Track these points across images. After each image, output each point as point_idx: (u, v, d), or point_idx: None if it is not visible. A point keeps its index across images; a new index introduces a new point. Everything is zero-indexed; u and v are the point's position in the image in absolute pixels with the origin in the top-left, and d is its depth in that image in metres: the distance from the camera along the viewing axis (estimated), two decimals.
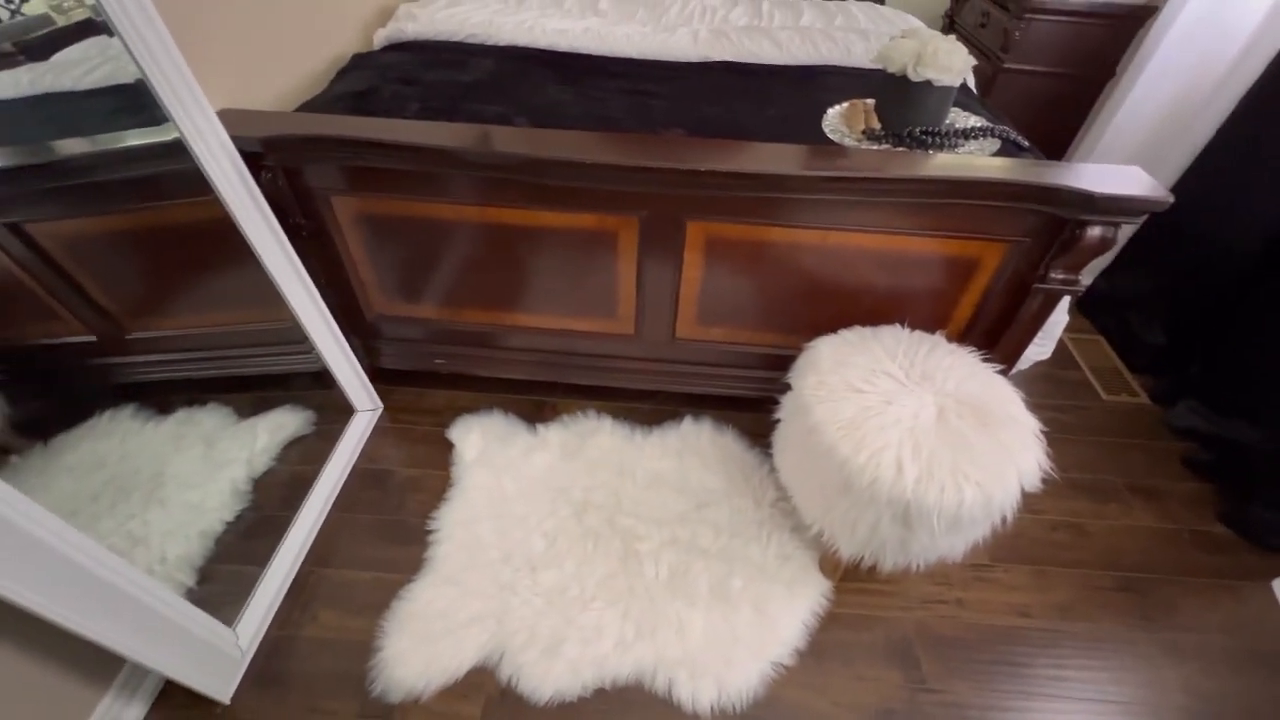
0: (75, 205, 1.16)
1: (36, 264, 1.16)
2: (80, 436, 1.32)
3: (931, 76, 1.07)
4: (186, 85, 0.95)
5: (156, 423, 1.40)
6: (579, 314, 1.31)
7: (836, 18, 1.66)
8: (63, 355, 1.32)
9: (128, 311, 1.32)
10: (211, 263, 1.27)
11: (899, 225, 1.07)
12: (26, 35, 1.02)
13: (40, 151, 1.12)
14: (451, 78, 1.32)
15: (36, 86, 1.05)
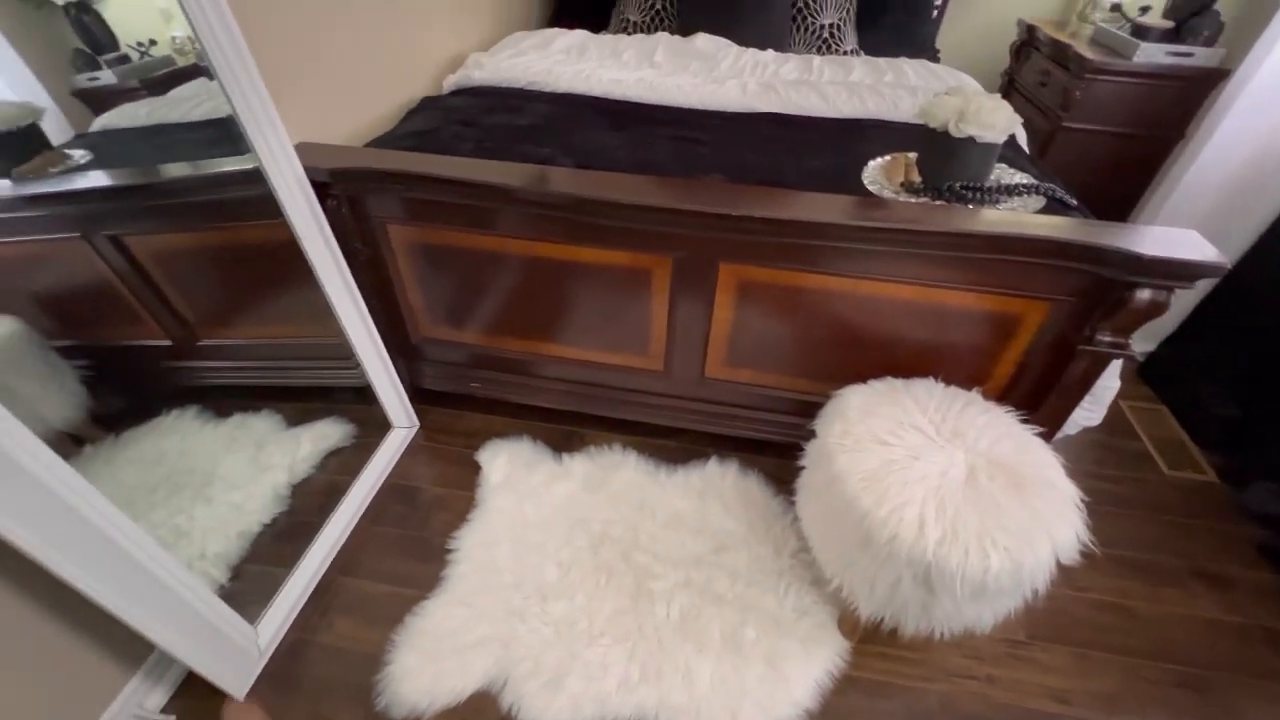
0: (167, 222, 1.29)
1: (129, 273, 1.28)
2: (147, 432, 1.42)
3: (974, 133, 1.07)
4: (270, 121, 1.05)
5: (215, 425, 1.50)
6: (611, 348, 1.34)
7: (886, 74, 1.69)
8: (141, 356, 1.44)
9: (201, 320, 1.43)
10: (276, 279, 1.38)
11: (935, 278, 1.06)
12: (150, 74, 1.16)
13: (146, 174, 1.26)
14: (508, 121, 1.41)
15: (152, 118, 1.19)
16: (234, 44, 0.96)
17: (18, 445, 0.71)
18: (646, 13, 2.04)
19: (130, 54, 1.13)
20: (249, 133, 1.04)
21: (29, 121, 1.07)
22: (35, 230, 1.18)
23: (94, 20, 1.09)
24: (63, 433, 1.17)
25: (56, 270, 1.24)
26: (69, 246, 1.23)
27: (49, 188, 1.13)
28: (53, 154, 1.11)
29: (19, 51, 1.02)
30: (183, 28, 1.13)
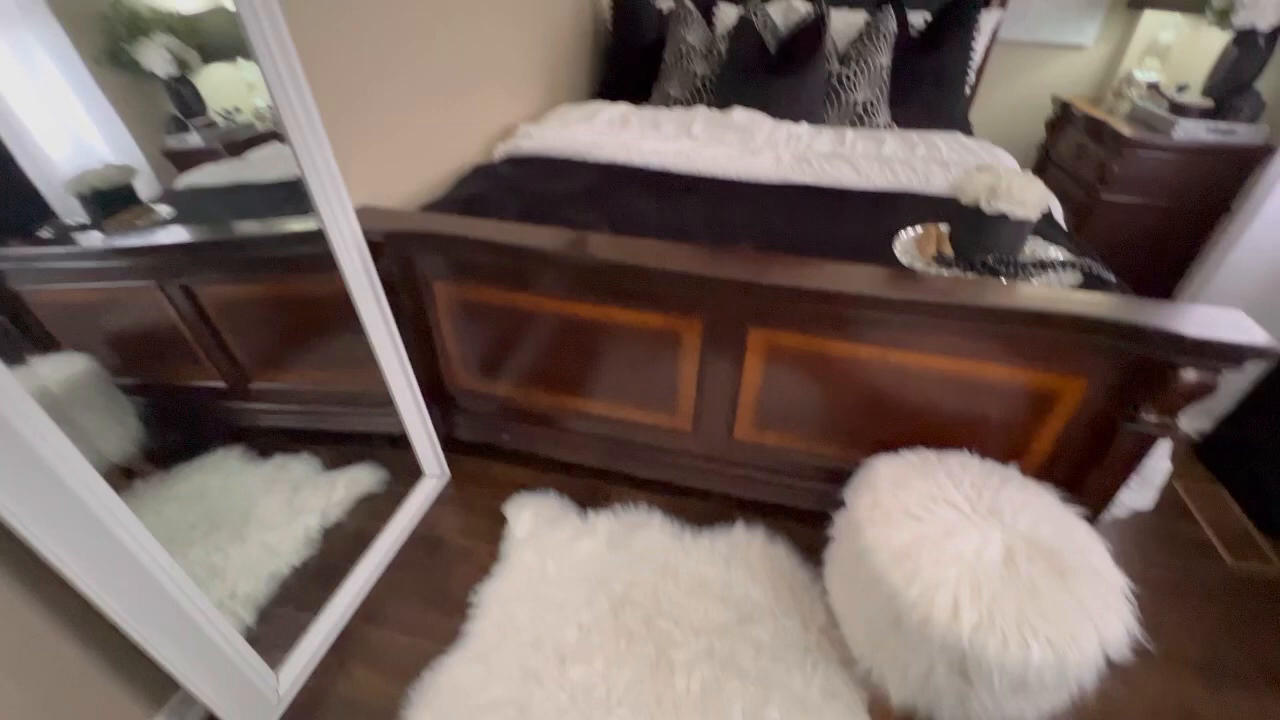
0: (234, 273, 1.39)
1: (195, 318, 1.38)
2: (194, 469, 1.49)
3: (1006, 210, 1.08)
4: (335, 187, 1.14)
5: (256, 465, 1.56)
6: (640, 406, 1.36)
7: (918, 147, 1.73)
8: (196, 396, 1.52)
9: (253, 363, 1.51)
10: (325, 328, 1.45)
11: (968, 350, 1.05)
12: (232, 138, 1.29)
13: (221, 230, 1.36)
14: (553, 188, 1.50)
15: (231, 178, 1.30)
16: (308, 114, 1.06)
17: (76, 476, 0.75)
18: (686, 88, 2.16)
19: (217, 119, 1.25)
20: (315, 196, 1.13)
21: (126, 182, 1.20)
22: (116, 277, 1.29)
23: (188, 90, 1.22)
24: (116, 466, 1.24)
25: (129, 313, 1.35)
26: (144, 292, 1.33)
27: (135, 241, 1.23)
28: (141, 208, 1.22)
29: (122, 117, 1.14)
30: (264, 98, 1.26)
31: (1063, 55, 2.48)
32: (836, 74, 2.04)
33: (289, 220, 1.30)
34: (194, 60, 1.20)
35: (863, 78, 2.02)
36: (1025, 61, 2.51)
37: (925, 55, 2.07)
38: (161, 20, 1.15)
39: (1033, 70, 2.53)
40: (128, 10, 1.10)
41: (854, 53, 2.04)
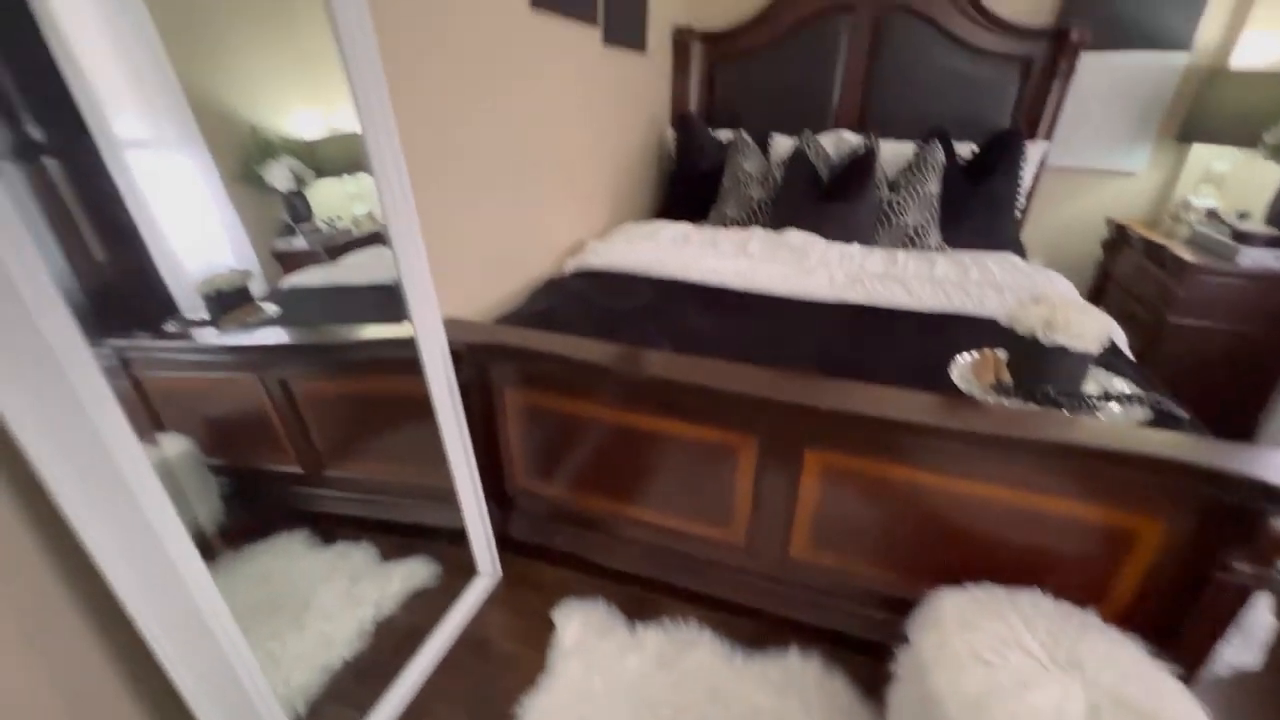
0: (328, 370, 1.53)
1: (286, 408, 1.51)
2: (262, 550, 1.56)
3: (1063, 342, 1.10)
4: (427, 295, 1.27)
5: (319, 551, 1.62)
6: (694, 517, 1.37)
7: (971, 270, 1.78)
8: (274, 480, 1.63)
9: (330, 451, 1.62)
10: (400, 424, 1.56)
11: (1033, 483, 1.03)
12: (332, 242, 1.46)
13: (322, 334, 1.52)
14: (618, 303, 1.62)
15: (328, 280, 1.47)
16: (410, 224, 1.19)
17: (176, 546, 0.82)
18: (743, 209, 2.32)
19: (320, 226, 1.44)
20: (409, 303, 1.25)
21: (243, 284, 1.37)
22: (225, 369, 1.45)
23: (301, 201, 1.42)
24: (197, 541, 1.33)
25: (228, 399, 1.49)
26: (245, 383, 1.48)
27: (246, 339, 1.39)
28: (252, 307, 1.39)
29: (244, 224, 1.33)
30: (363, 207, 1.44)
31: (1114, 180, 2.54)
32: (887, 200, 2.16)
33: (383, 326, 1.45)
34: (309, 177, 1.40)
35: (913, 203, 2.12)
36: (1076, 186, 2.58)
37: (974, 183, 2.17)
38: (287, 145, 1.36)
39: (1084, 194, 2.59)
40: (262, 138, 1.32)
41: (904, 181, 2.16)
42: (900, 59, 2.46)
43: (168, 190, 1.20)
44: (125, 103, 1.14)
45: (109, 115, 1.10)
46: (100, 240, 1.12)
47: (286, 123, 1.33)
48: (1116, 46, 2.31)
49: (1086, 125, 2.46)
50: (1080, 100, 2.41)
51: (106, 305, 1.11)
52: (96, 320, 0.80)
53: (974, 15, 2.35)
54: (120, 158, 1.15)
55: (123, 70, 1.12)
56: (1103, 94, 2.39)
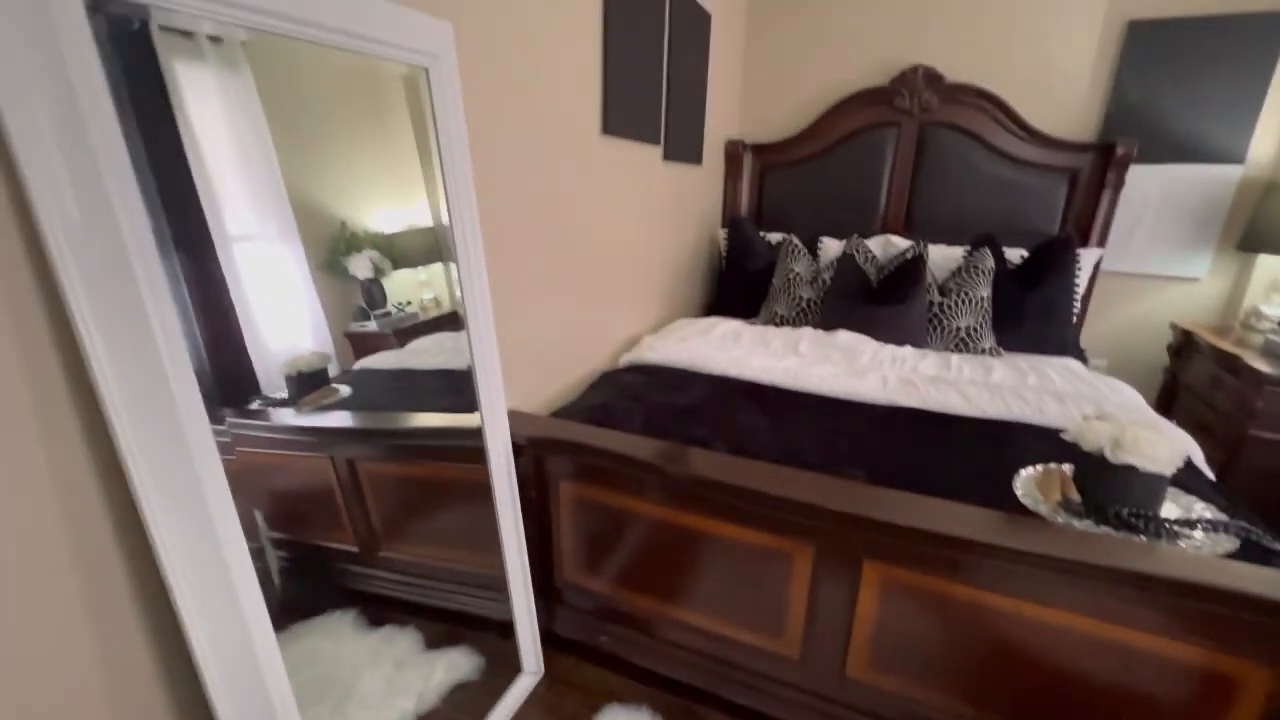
0: (395, 453, 1.60)
1: (350, 488, 1.58)
2: (311, 629, 1.58)
3: (1133, 462, 1.07)
4: (496, 388, 1.35)
5: (366, 634, 1.63)
6: (744, 624, 1.33)
7: (1029, 377, 1.76)
8: (330, 557, 1.68)
9: (386, 533, 1.66)
10: (455, 510, 1.60)
11: (1112, 614, 0.97)
12: (400, 325, 1.57)
13: (394, 419, 1.61)
14: (671, 400, 1.66)
15: (396, 364, 1.57)
16: (485, 312, 1.28)
17: (253, 615, 0.86)
18: (793, 309, 2.39)
19: (391, 310, 1.55)
20: (480, 396, 1.33)
21: (323, 366, 1.49)
22: (300, 447, 1.54)
23: (377, 288, 1.55)
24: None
25: (296, 476, 1.57)
26: (316, 460, 1.56)
27: (323, 419, 1.49)
28: (328, 389, 1.49)
29: (325, 309, 1.45)
30: (430, 293, 1.56)
31: (1175, 286, 2.50)
32: (938, 303, 2.19)
33: (450, 415, 1.53)
34: (386, 266, 1.54)
35: (964, 307, 2.14)
36: (1135, 291, 2.55)
37: (1027, 288, 2.19)
38: (370, 238, 1.51)
39: (1144, 299, 2.55)
40: (350, 231, 1.48)
41: (954, 285, 2.20)
42: (945, 168, 2.57)
43: (263, 278, 1.34)
44: (239, 202, 1.32)
45: (224, 212, 1.27)
46: (204, 323, 1.26)
47: (371, 218, 1.49)
48: (1166, 160, 2.36)
49: (1141, 232, 2.47)
50: (1132, 208, 2.43)
51: (207, 384, 1.23)
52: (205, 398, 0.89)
53: (1017, 131, 2.46)
54: (229, 250, 1.31)
55: (240, 173, 1.30)
56: (1156, 203, 2.42)
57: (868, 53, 2.71)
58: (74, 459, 0.76)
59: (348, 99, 1.32)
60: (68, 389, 0.74)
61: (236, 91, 1.13)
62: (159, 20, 0.83)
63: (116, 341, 0.70)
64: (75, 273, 0.66)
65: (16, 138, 0.61)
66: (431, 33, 1.09)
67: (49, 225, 0.64)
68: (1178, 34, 2.25)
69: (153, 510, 0.76)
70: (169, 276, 0.77)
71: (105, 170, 0.67)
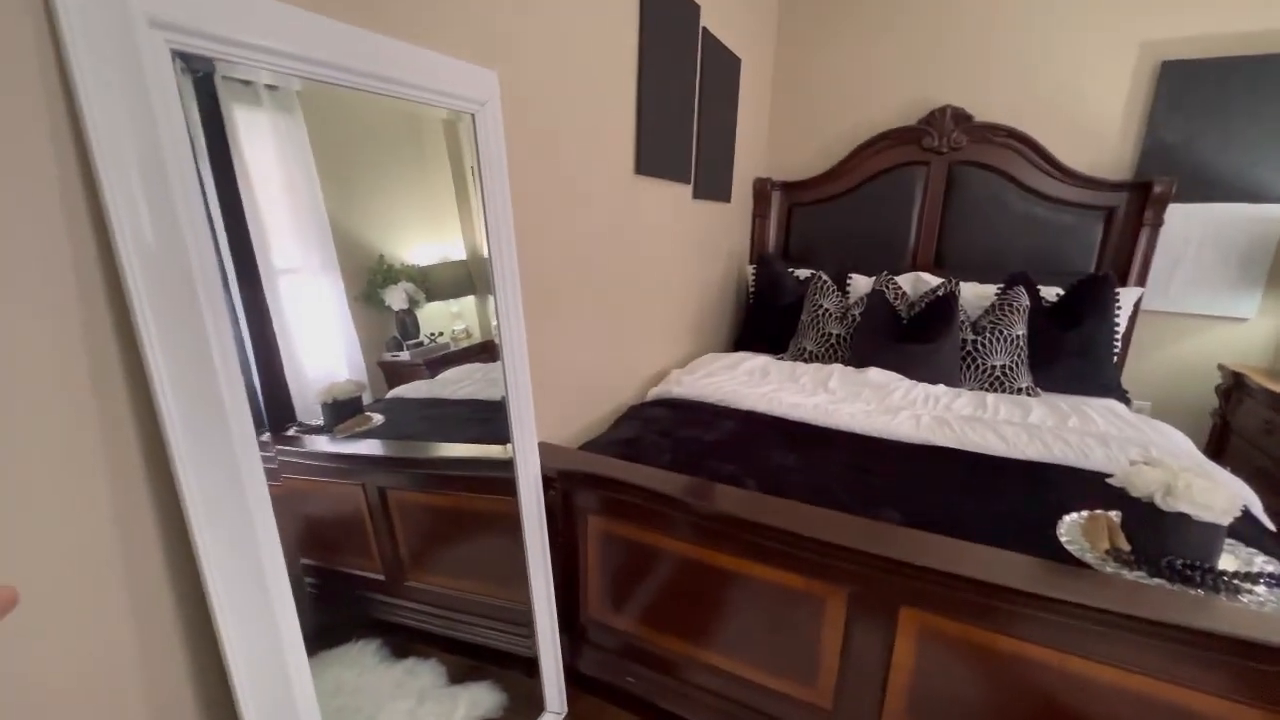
0: (425, 483, 1.62)
1: (381, 516, 1.59)
2: (335, 659, 1.58)
3: (1187, 511, 1.02)
4: (528, 420, 1.36)
5: (389, 665, 1.62)
6: (774, 671, 1.28)
7: (1070, 418, 1.71)
8: (356, 585, 1.68)
9: (414, 563, 1.67)
10: (481, 541, 1.60)
11: (1169, 672, 0.92)
12: (431, 355, 1.60)
13: (425, 446, 1.63)
14: (699, 435, 1.66)
15: (428, 393, 1.60)
16: (520, 343, 1.31)
17: (289, 639, 0.87)
18: (821, 345, 2.38)
19: (424, 340, 1.59)
20: (512, 427, 1.34)
21: (358, 395, 1.52)
22: (331, 474, 1.57)
23: (411, 319, 1.59)
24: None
25: (328, 503, 1.59)
26: (347, 488, 1.59)
27: (357, 447, 1.52)
28: (363, 417, 1.52)
29: (361, 340, 1.49)
30: (461, 324, 1.59)
31: (1222, 326, 2.42)
32: (971, 341, 2.15)
33: (482, 446, 1.54)
34: (421, 299, 1.58)
35: (998, 345, 2.11)
36: (1178, 331, 2.48)
37: (1064, 327, 2.14)
38: (406, 271, 1.56)
39: (1189, 339, 2.47)
40: (387, 264, 1.52)
41: (988, 323, 2.17)
42: (976, 206, 2.56)
43: (303, 309, 1.39)
44: (286, 236, 1.38)
45: (272, 246, 1.33)
46: (254, 352, 1.31)
47: (407, 251, 1.54)
48: (1207, 199, 2.32)
49: (1183, 271, 2.41)
50: (1172, 246, 2.38)
51: (256, 410, 1.27)
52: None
53: (1049, 170, 2.45)
54: (275, 282, 1.37)
55: (288, 209, 1.36)
56: (1197, 242, 2.36)
57: (895, 93, 2.75)
58: (130, 467, 0.79)
59: (390, 139, 1.39)
60: (130, 407, 0.78)
61: (288, 133, 1.19)
62: (223, 71, 0.90)
63: (178, 366, 0.74)
64: (146, 298, 0.70)
65: (104, 171, 0.66)
66: (479, 81, 1.15)
67: (125, 251, 0.68)
68: (1214, 74, 2.24)
69: (204, 539, 0.78)
70: (228, 307, 0.81)
71: (179, 205, 0.71)
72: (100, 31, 0.62)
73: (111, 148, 0.65)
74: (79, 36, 0.61)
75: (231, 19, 0.74)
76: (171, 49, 0.69)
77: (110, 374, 0.75)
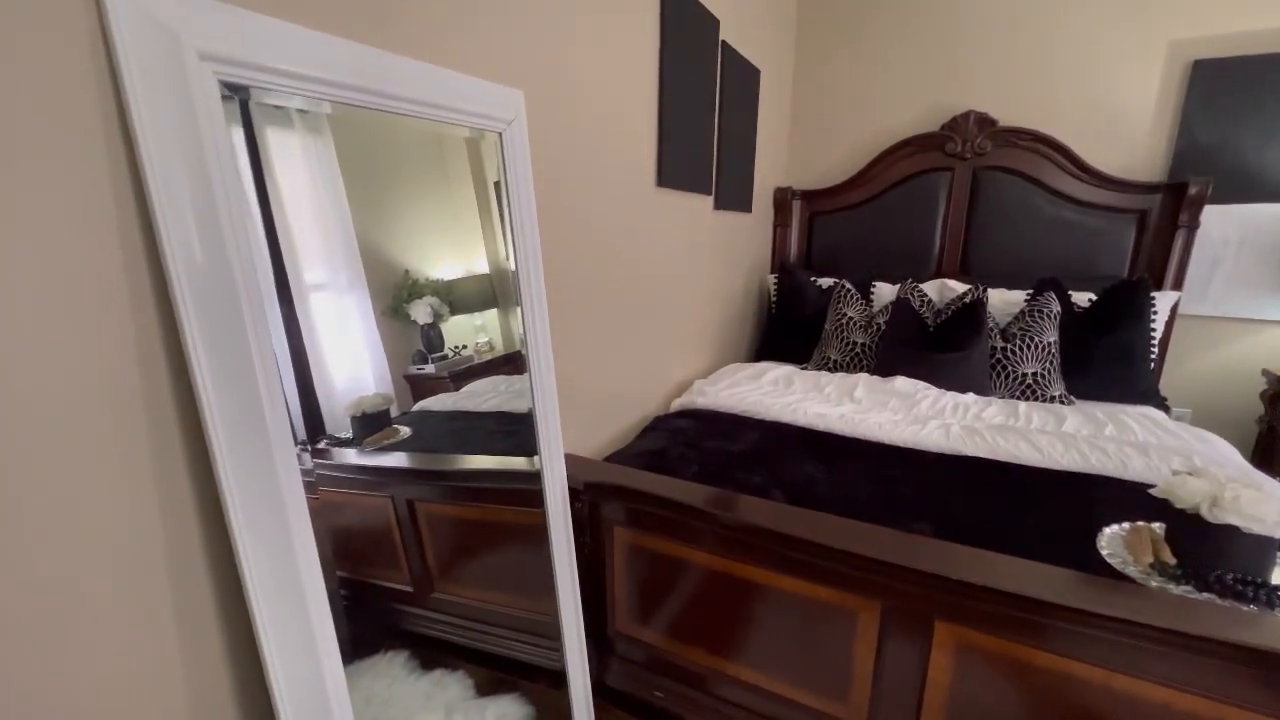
0: (450, 494, 1.64)
1: (409, 528, 1.61)
2: (364, 670, 1.59)
3: (1235, 523, 0.99)
4: (555, 432, 1.37)
5: (417, 677, 1.63)
6: (805, 686, 1.26)
7: (1106, 427, 1.66)
8: (385, 596, 1.70)
9: (442, 575, 1.68)
10: (512, 554, 1.61)
11: (1224, 693, 0.88)
12: (455, 368, 1.62)
13: (453, 459, 1.65)
14: (725, 446, 1.65)
15: (453, 405, 1.62)
16: (546, 356, 1.32)
17: (325, 648, 0.88)
18: (846, 354, 2.36)
19: (448, 353, 1.60)
20: (540, 439, 1.36)
21: (386, 408, 1.54)
22: (363, 487, 1.59)
23: (435, 333, 1.61)
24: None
25: (358, 515, 1.61)
26: (377, 500, 1.61)
27: (386, 460, 1.54)
28: (391, 430, 1.55)
29: (387, 353, 1.52)
30: (485, 336, 1.61)
31: (1265, 329, 2.34)
32: (1000, 348, 2.11)
33: (510, 459, 1.56)
34: (445, 312, 1.60)
35: (1029, 352, 2.06)
36: (1219, 335, 2.40)
37: (1099, 333, 2.09)
38: (431, 285, 1.58)
39: (1230, 344, 2.40)
40: (412, 280, 1.55)
41: (1017, 330, 2.12)
42: (1002, 212, 2.52)
43: (333, 324, 1.43)
44: (315, 253, 1.42)
45: (302, 263, 1.37)
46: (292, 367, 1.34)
47: (432, 266, 1.57)
48: (1245, 199, 2.25)
49: (1222, 274, 2.34)
50: (1209, 249, 2.32)
51: (294, 424, 1.30)
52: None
53: (1077, 173, 2.41)
54: (306, 298, 1.40)
55: (317, 227, 1.40)
56: (1236, 244, 2.30)
57: (916, 99, 2.73)
58: (177, 482, 0.81)
59: (415, 158, 1.42)
60: (178, 423, 0.80)
61: (318, 154, 1.23)
62: (257, 97, 0.93)
63: (224, 381, 0.76)
64: (193, 312, 0.72)
65: (158, 197, 0.68)
66: (506, 101, 1.17)
67: (175, 271, 0.70)
68: (1247, 72, 2.18)
69: (247, 553, 0.80)
70: (267, 322, 0.84)
71: (225, 226, 0.74)
72: (156, 67, 0.66)
73: (164, 174, 0.68)
74: (135, 71, 0.65)
75: (277, 50, 0.77)
76: (219, 79, 0.72)
77: (159, 389, 0.78)
